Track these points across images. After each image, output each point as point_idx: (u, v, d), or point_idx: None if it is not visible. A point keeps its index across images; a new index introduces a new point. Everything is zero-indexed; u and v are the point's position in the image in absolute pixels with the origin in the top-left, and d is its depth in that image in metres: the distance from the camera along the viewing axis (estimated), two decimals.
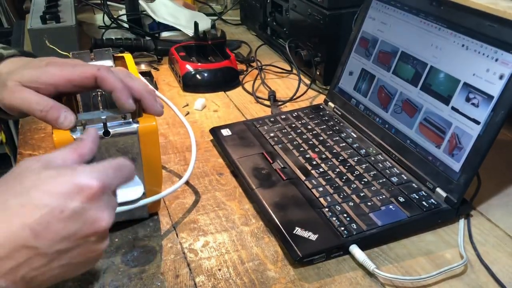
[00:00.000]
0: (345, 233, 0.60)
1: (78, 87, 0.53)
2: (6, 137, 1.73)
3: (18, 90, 0.51)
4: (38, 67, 0.53)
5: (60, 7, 1.21)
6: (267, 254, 0.61)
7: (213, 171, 0.78)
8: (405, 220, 0.63)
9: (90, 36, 1.25)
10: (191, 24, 1.16)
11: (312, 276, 0.58)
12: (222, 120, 0.93)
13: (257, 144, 0.81)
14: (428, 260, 0.60)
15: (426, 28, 0.73)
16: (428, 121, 0.70)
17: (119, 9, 1.45)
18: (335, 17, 0.96)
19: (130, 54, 0.77)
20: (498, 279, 0.57)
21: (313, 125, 0.86)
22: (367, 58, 0.85)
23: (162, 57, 1.20)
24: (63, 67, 0.53)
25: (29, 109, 0.51)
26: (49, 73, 0.52)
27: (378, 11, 0.84)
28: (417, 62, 0.74)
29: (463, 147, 0.64)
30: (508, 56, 0.61)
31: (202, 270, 0.59)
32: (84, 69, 0.53)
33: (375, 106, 0.81)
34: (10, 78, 0.52)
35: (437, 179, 0.67)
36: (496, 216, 0.67)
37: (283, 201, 0.66)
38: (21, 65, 0.54)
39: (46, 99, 0.51)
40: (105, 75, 0.52)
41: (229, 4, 1.57)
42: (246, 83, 1.09)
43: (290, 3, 1.11)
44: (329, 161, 0.75)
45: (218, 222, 0.66)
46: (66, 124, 0.52)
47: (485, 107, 0.62)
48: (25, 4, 1.59)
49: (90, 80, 0.52)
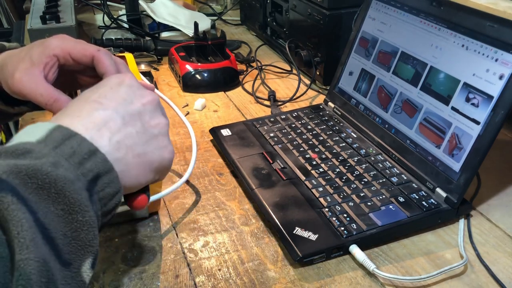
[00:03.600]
0: (345, 233, 0.60)
1: (76, 62, 0.54)
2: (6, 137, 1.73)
3: (25, 80, 0.52)
4: (41, 42, 0.55)
5: (60, 7, 1.21)
6: (267, 254, 0.61)
7: (213, 171, 0.78)
8: (405, 220, 0.63)
9: (90, 36, 1.25)
10: (191, 24, 1.16)
11: (312, 276, 0.58)
12: (222, 120, 0.93)
13: (257, 144, 0.81)
14: (428, 260, 0.60)
15: (426, 28, 0.73)
16: (428, 121, 0.71)
17: (119, 9, 1.46)
18: (335, 17, 0.96)
19: (131, 54, 0.77)
20: (498, 279, 0.57)
21: (313, 125, 0.86)
22: (367, 58, 0.85)
23: (162, 57, 1.20)
24: (66, 40, 0.55)
25: (35, 101, 0.53)
26: (52, 44, 0.54)
27: (378, 11, 0.84)
28: (417, 62, 0.74)
29: (463, 147, 0.64)
30: (508, 56, 0.61)
31: (202, 270, 0.59)
32: (85, 47, 0.54)
33: (375, 106, 0.81)
34: (18, 67, 0.53)
35: (437, 179, 0.67)
36: (496, 216, 0.67)
37: (283, 201, 0.66)
38: (25, 48, 0.55)
39: (51, 92, 0.53)
40: (102, 57, 0.53)
41: (229, 4, 1.57)
42: (246, 83, 1.09)
43: (290, 3, 1.11)
44: (329, 161, 0.75)
45: (218, 222, 0.66)
46: None
47: (485, 107, 0.62)
48: (25, 4, 1.59)
49: (88, 58, 0.54)
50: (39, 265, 0.30)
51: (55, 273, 0.32)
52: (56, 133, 0.38)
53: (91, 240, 0.35)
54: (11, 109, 0.61)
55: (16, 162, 0.34)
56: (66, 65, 0.55)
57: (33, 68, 0.53)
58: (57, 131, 0.39)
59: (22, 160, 0.35)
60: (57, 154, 0.37)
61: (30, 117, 0.93)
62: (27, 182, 0.33)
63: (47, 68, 0.53)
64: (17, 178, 0.33)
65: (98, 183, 0.38)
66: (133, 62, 0.81)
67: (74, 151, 0.38)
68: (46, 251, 0.32)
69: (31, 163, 0.35)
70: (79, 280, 0.34)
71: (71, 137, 0.38)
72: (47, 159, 0.36)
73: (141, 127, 0.45)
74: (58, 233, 0.33)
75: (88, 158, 0.38)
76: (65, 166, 0.36)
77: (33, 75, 0.52)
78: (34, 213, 0.32)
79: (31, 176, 0.34)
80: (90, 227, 0.35)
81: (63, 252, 0.33)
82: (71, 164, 0.37)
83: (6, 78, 0.54)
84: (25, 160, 0.35)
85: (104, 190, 0.39)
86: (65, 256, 0.33)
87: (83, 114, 0.42)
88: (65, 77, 0.57)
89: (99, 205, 0.38)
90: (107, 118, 0.42)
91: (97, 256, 0.37)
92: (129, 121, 0.44)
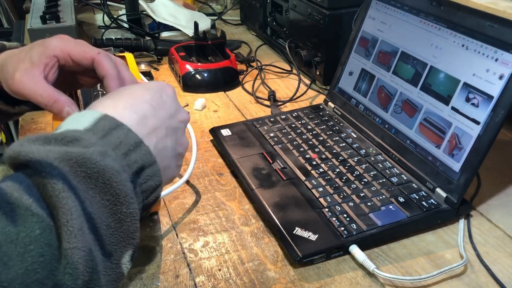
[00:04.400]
0: (345, 233, 0.60)
1: (76, 64, 0.54)
2: (6, 137, 1.73)
3: (25, 81, 0.52)
4: (41, 43, 0.55)
5: (60, 7, 1.21)
6: (267, 254, 0.61)
7: (213, 171, 0.78)
8: (405, 220, 0.63)
9: (90, 36, 1.25)
10: (191, 24, 1.16)
11: (312, 276, 0.58)
12: (222, 120, 0.93)
13: (257, 144, 0.81)
14: (428, 260, 0.60)
15: (426, 28, 0.73)
16: (428, 121, 0.70)
17: (119, 9, 1.46)
18: (335, 17, 0.96)
19: (131, 53, 0.77)
20: (498, 279, 0.57)
21: (313, 125, 0.86)
22: (367, 58, 0.85)
23: (162, 57, 1.20)
24: (66, 41, 0.55)
25: (35, 101, 0.53)
26: (52, 45, 0.54)
27: (378, 11, 0.84)
28: (417, 62, 0.74)
29: (463, 147, 0.64)
30: (508, 56, 0.61)
31: (202, 270, 0.59)
32: (85, 49, 0.54)
33: (375, 106, 0.81)
34: (18, 68, 0.53)
35: (437, 179, 0.67)
36: (496, 216, 0.67)
37: (283, 201, 0.66)
38: (25, 48, 0.55)
39: (50, 93, 0.53)
40: (103, 59, 0.53)
41: (229, 4, 1.57)
42: (246, 83, 1.09)
43: (290, 3, 1.11)
44: (329, 161, 0.75)
45: (218, 222, 0.66)
46: None
47: (485, 107, 0.62)
48: (25, 4, 1.59)
49: (88, 60, 0.54)
50: (85, 254, 0.31)
51: (98, 263, 0.32)
52: (104, 122, 0.39)
53: (133, 232, 0.36)
54: (11, 109, 0.61)
55: (66, 149, 0.34)
56: (66, 66, 0.55)
57: (33, 69, 0.53)
58: (104, 120, 0.39)
59: (71, 147, 0.35)
60: (105, 143, 0.37)
61: (30, 117, 0.93)
62: (77, 170, 0.33)
63: (47, 69, 0.53)
64: (67, 165, 0.33)
65: (141, 175, 0.38)
66: (133, 62, 0.81)
67: (121, 141, 0.38)
68: (91, 240, 0.32)
69: (80, 151, 0.34)
70: (118, 271, 0.35)
71: (117, 127, 0.39)
72: (95, 148, 0.35)
73: (174, 142, 0.46)
74: (102, 224, 0.33)
75: (134, 149, 0.38)
76: (112, 156, 0.36)
77: (33, 75, 0.52)
78: (82, 202, 0.32)
79: (80, 164, 0.34)
80: (134, 219, 0.35)
81: (106, 242, 0.33)
82: (117, 155, 0.37)
83: (6, 78, 0.54)
84: (74, 148, 0.35)
85: (146, 183, 0.39)
86: (107, 247, 0.34)
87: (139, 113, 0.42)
88: (65, 78, 0.57)
89: (141, 198, 0.38)
90: (157, 125, 0.43)
91: (136, 249, 0.37)
92: (168, 134, 0.45)
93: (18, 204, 0.30)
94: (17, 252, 0.28)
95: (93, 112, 0.40)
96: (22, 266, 0.28)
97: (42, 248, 0.29)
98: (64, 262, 0.30)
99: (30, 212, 0.30)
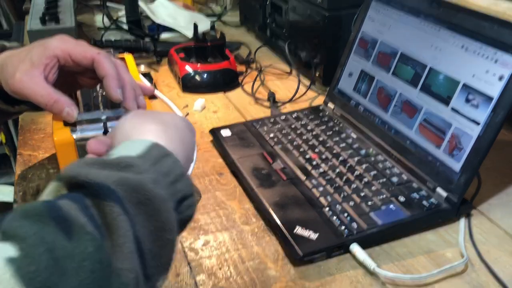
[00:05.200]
0: (346, 232, 0.60)
1: (76, 64, 0.55)
2: (6, 137, 1.73)
3: (25, 81, 0.52)
4: (42, 43, 0.55)
5: (59, 8, 1.21)
6: (268, 253, 0.61)
7: (213, 171, 0.78)
8: (406, 220, 0.63)
9: (89, 38, 1.25)
10: (191, 26, 1.16)
11: (313, 275, 0.58)
12: (221, 121, 0.94)
13: (257, 144, 0.81)
14: (428, 259, 0.60)
15: (426, 29, 0.74)
16: (428, 122, 0.71)
17: (119, 10, 1.46)
18: (334, 18, 0.96)
19: (130, 55, 0.77)
20: (499, 277, 0.57)
21: (313, 126, 0.86)
22: (367, 59, 0.85)
23: (162, 59, 1.20)
24: (66, 41, 0.55)
25: (35, 102, 0.53)
26: (52, 45, 0.54)
27: (377, 12, 0.84)
28: (417, 63, 0.74)
29: (463, 147, 0.65)
30: (507, 57, 0.61)
31: (202, 269, 0.59)
32: (86, 49, 0.55)
33: (375, 107, 0.81)
34: (18, 68, 0.53)
35: (437, 179, 0.67)
36: (496, 215, 0.68)
37: (284, 201, 0.66)
38: (26, 49, 0.55)
39: (50, 93, 0.53)
40: (102, 60, 0.54)
41: (228, 5, 1.57)
42: (245, 84, 1.09)
43: (289, 4, 1.11)
44: (329, 161, 0.75)
45: (219, 221, 0.66)
46: (68, 119, 0.55)
47: (484, 108, 0.63)
48: (24, 5, 1.59)
49: (88, 60, 0.54)
50: (134, 276, 0.32)
51: (140, 286, 0.33)
52: (154, 150, 0.40)
53: (171, 258, 0.37)
54: (11, 108, 0.61)
55: (122, 175, 0.36)
56: (66, 66, 0.55)
57: (34, 69, 0.53)
58: (155, 148, 0.40)
59: (126, 173, 0.36)
60: (156, 170, 0.38)
61: (30, 117, 0.93)
62: (132, 195, 0.35)
63: (48, 69, 0.53)
64: (122, 189, 0.35)
65: (183, 204, 0.40)
66: (133, 63, 0.82)
67: (170, 170, 0.39)
68: (137, 263, 0.33)
69: (135, 177, 0.36)
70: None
71: (166, 156, 0.40)
72: (147, 175, 0.37)
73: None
74: (146, 248, 0.35)
75: (179, 179, 0.40)
76: (162, 184, 0.38)
77: (33, 76, 0.52)
78: (134, 226, 0.34)
79: (135, 190, 0.35)
80: (173, 246, 0.37)
81: (148, 266, 0.35)
82: (165, 183, 0.38)
83: (6, 78, 0.54)
84: (129, 174, 0.36)
85: (184, 213, 0.40)
86: (148, 270, 0.35)
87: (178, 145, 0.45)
88: (65, 78, 0.58)
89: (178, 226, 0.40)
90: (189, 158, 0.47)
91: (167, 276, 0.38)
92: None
93: (74, 221, 0.31)
94: (72, 266, 0.29)
95: (143, 140, 0.41)
96: (77, 279, 0.29)
97: (93, 265, 0.30)
98: (117, 281, 0.31)
99: (84, 230, 0.31)
